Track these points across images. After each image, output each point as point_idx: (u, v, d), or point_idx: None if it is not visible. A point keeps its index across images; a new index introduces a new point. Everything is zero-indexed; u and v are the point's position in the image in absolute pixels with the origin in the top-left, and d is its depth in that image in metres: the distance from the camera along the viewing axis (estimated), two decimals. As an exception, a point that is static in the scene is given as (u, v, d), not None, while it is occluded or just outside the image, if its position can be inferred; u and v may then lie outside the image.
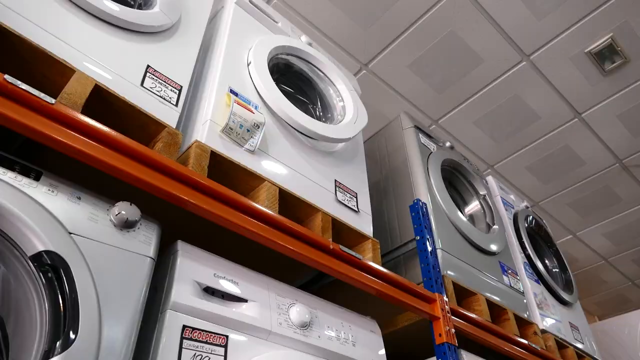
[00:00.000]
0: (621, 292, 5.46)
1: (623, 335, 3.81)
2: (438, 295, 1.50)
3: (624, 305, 5.60)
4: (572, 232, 4.49)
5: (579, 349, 2.36)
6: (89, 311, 0.74)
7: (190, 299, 0.94)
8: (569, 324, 2.42)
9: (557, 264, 2.83)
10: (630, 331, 3.78)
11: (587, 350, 2.43)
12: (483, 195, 2.41)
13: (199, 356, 0.90)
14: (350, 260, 1.29)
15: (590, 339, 2.58)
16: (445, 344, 1.40)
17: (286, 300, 1.12)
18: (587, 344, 2.50)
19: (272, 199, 1.23)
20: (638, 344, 3.69)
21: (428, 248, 1.63)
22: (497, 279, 2.03)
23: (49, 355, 0.67)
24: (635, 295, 5.49)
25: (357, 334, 1.24)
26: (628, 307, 5.57)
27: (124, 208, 0.91)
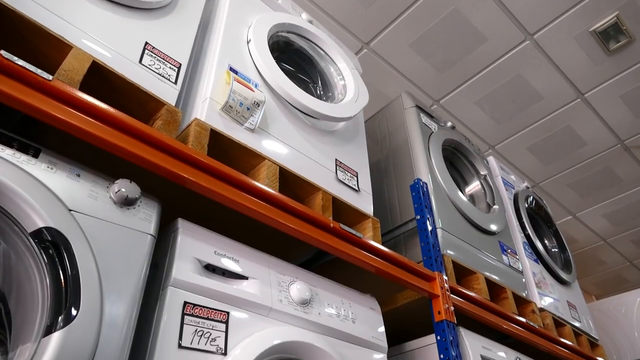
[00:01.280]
0: (619, 273, 5.50)
1: (620, 314, 3.85)
2: (438, 274, 1.51)
3: (621, 285, 5.65)
4: (571, 213, 4.50)
5: (576, 327, 2.39)
6: (90, 287, 0.74)
7: (191, 276, 0.95)
8: (567, 303, 2.45)
9: (556, 243, 2.84)
10: (627, 310, 3.83)
11: (584, 329, 2.46)
12: (484, 176, 2.41)
13: (200, 332, 0.91)
14: (351, 238, 1.30)
15: (587, 318, 2.60)
16: (444, 321, 1.41)
17: (286, 278, 1.13)
18: (585, 323, 2.53)
19: (272, 177, 1.23)
20: (634, 322, 3.73)
21: (428, 227, 1.64)
22: (497, 259, 2.04)
23: (51, 330, 0.67)
24: (633, 276, 5.54)
25: (357, 311, 1.25)
26: (625, 287, 5.62)
27: (123, 185, 0.91)
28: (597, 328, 2.86)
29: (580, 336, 2.40)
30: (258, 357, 0.94)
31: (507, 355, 1.62)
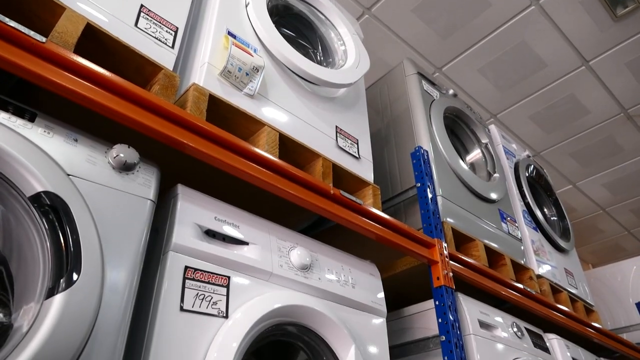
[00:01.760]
0: (616, 241, 5.55)
1: (616, 282, 3.90)
2: (437, 241, 1.52)
3: (618, 254, 5.71)
4: (571, 182, 4.50)
5: (573, 293, 2.42)
6: (91, 251, 0.74)
7: (191, 241, 0.95)
8: (564, 270, 2.47)
9: (555, 212, 2.85)
10: (623, 278, 3.88)
11: (580, 295, 2.50)
12: (485, 144, 2.39)
13: (201, 295, 0.92)
14: (351, 205, 1.30)
15: (584, 285, 2.64)
16: (443, 286, 1.43)
17: (287, 244, 1.14)
18: (581, 289, 2.57)
19: (272, 143, 1.22)
20: (630, 290, 3.79)
21: (428, 195, 1.64)
22: (496, 226, 2.05)
23: (53, 292, 0.68)
24: (630, 244, 5.59)
25: (357, 276, 1.27)
26: (622, 255, 5.68)
27: (122, 151, 0.90)
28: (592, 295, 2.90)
29: (576, 302, 2.44)
30: (259, 320, 0.95)
31: (504, 320, 1.64)
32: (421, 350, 1.49)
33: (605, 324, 3.69)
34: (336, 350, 1.09)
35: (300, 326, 1.07)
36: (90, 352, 0.70)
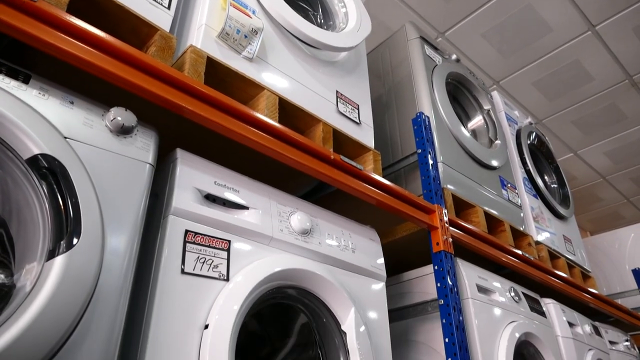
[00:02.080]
0: (615, 210, 5.57)
1: (613, 249, 3.95)
2: (437, 207, 1.52)
3: (616, 222, 5.75)
4: (573, 150, 4.48)
5: (570, 259, 2.45)
6: (90, 214, 0.74)
7: (191, 205, 0.95)
8: (563, 237, 2.49)
9: (556, 179, 2.85)
10: (620, 246, 3.92)
11: (577, 261, 2.53)
12: (487, 110, 2.37)
13: (202, 259, 0.92)
14: (351, 170, 1.29)
15: (581, 251, 2.67)
16: (442, 252, 1.44)
17: (287, 209, 1.14)
18: (579, 256, 2.59)
19: (271, 108, 1.20)
20: (626, 257, 3.84)
21: (429, 161, 1.63)
22: (496, 193, 2.05)
23: (53, 254, 0.68)
24: (629, 212, 5.62)
25: (357, 241, 1.27)
26: (620, 223, 5.72)
27: (119, 114, 0.88)
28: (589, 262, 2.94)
29: (574, 268, 2.46)
30: (260, 283, 0.96)
31: (502, 285, 1.67)
32: (419, 313, 1.52)
33: (601, 290, 3.75)
34: (336, 313, 1.11)
35: (300, 289, 1.08)
36: (93, 313, 0.71)
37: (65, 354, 0.65)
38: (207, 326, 0.87)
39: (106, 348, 0.71)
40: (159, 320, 0.82)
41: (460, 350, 1.31)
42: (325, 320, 1.12)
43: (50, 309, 0.63)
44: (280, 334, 1.25)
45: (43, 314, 0.62)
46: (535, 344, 1.64)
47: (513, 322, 1.56)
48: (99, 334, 0.70)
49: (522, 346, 1.62)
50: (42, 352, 0.61)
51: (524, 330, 1.57)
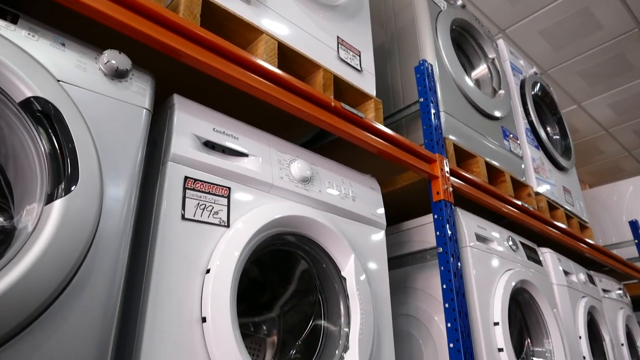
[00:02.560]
0: (616, 162, 5.57)
1: (612, 201, 3.97)
2: (438, 156, 1.51)
3: (617, 175, 5.76)
4: (577, 102, 4.42)
5: (569, 210, 2.47)
6: (87, 158, 0.73)
7: (190, 152, 0.94)
8: (563, 188, 2.50)
9: (558, 130, 2.82)
10: (619, 198, 3.94)
11: (575, 212, 2.55)
12: (492, 59, 2.31)
13: (202, 205, 0.92)
14: (352, 118, 1.27)
15: (580, 202, 2.68)
16: (442, 201, 1.44)
17: (287, 156, 1.13)
18: (577, 207, 2.61)
19: (270, 53, 1.16)
20: (624, 209, 3.87)
21: (431, 110, 1.60)
22: (498, 143, 2.03)
23: (52, 198, 0.68)
24: (629, 165, 5.61)
25: (357, 190, 1.27)
26: (620, 176, 5.73)
27: (113, 56, 0.86)
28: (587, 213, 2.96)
29: (572, 219, 2.49)
30: (260, 229, 0.97)
31: (501, 235, 1.68)
32: (418, 261, 1.54)
33: (597, 241, 3.80)
34: (336, 259, 1.12)
35: (300, 236, 1.09)
36: (94, 256, 0.71)
37: (68, 296, 0.66)
38: (208, 270, 0.88)
39: (109, 291, 0.72)
40: (161, 264, 0.83)
41: (458, 296, 1.33)
42: (325, 266, 1.13)
43: (53, 251, 0.64)
44: (281, 280, 1.27)
45: (46, 255, 0.63)
46: (531, 290, 1.68)
47: (510, 270, 1.59)
48: (101, 277, 0.71)
49: (517, 293, 1.66)
50: (46, 293, 0.62)
51: (519, 278, 1.60)
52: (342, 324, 1.09)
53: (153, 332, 0.78)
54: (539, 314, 1.72)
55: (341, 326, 1.09)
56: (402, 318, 1.54)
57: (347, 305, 1.10)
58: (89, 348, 0.67)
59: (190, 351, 0.81)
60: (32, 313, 0.61)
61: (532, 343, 1.72)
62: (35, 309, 0.61)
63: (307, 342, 1.14)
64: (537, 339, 1.71)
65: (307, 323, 1.18)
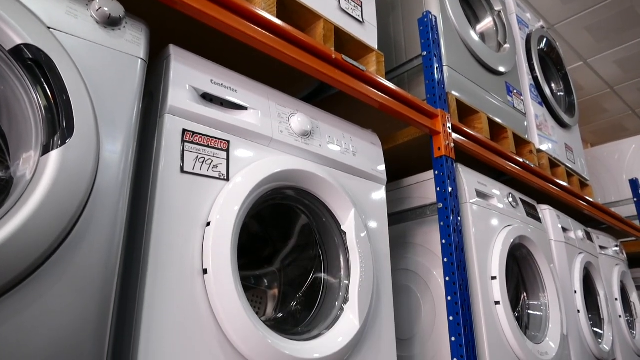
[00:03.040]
0: (619, 121, 5.51)
1: (613, 160, 3.96)
2: (440, 111, 1.48)
3: (619, 134, 5.72)
4: (583, 59, 4.33)
5: (570, 168, 2.46)
6: (82, 108, 0.72)
7: (188, 104, 0.92)
8: (565, 145, 2.48)
9: (563, 87, 2.77)
10: (620, 157, 3.92)
11: (577, 170, 2.54)
12: (498, 12, 2.23)
13: (201, 159, 0.91)
14: (353, 71, 1.24)
15: (581, 160, 2.67)
16: (444, 157, 1.43)
17: (287, 110, 1.11)
18: (578, 164, 2.60)
19: (269, 2, 1.12)
20: (625, 167, 3.86)
21: (434, 64, 1.56)
22: (502, 99, 2.00)
23: (48, 149, 0.66)
24: (633, 124, 5.56)
25: (358, 145, 1.26)
26: (623, 135, 5.68)
27: (104, 3, 0.82)
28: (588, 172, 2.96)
29: (572, 177, 2.48)
30: (259, 183, 0.96)
31: (501, 191, 1.68)
32: (418, 217, 1.55)
33: (597, 199, 3.82)
34: (336, 213, 1.12)
35: (300, 190, 1.08)
36: (94, 207, 0.71)
37: (68, 248, 0.66)
38: (209, 223, 0.88)
39: (109, 243, 0.72)
40: (161, 217, 0.83)
41: (457, 251, 1.35)
42: (325, 220, 1.14)
43: (51, 200, 0.63)
44: (282, 235, 1.28)
45: (44, 204, 0.62)
46: (529, 246, 1.70)
47: (509, 226, 1.60)
48: (101, 229, 0.71)
49: (515, 248, 1.68)
50: (46, 243, 0.62)
51: (518, 234, 1.61)
52: (342, 276, 1.10)
53: (155, 284, 0.79)
54: (536, 268, 1.74)
55: (341, 279, 1.10)
56: (401, 273, 1.56)
57: (347, 258, 1.11)
58: (90, 299, 0.68)
59: (192, 302, 0.83)
60: (33, 262, 0.61)
61: (528, 297, 1.76)
62: (36, 259, 0.61)
63: (308, 295, 1.16)
64: (533, 293, 1.75)
65: (308, 276, 1.19)
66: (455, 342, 1.27)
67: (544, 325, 1.68)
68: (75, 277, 0.66)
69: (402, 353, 1.47)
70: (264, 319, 1.18)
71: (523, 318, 1.73)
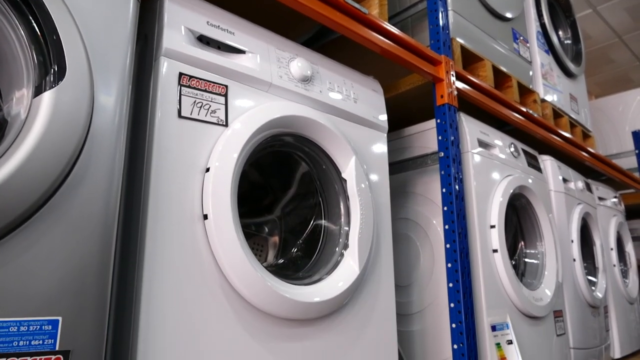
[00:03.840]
0: (625, 72, 5.41)
1: (616, 112, 3.91)
2: (444, 58, 1.44)
3: (624, 85, 5.62)
4: (592, 6, 4.18)
5: (573, 119, 2.43)
6: (74, 48, 0.69)
7: (183, 46, 0.89)
8: (569, 95, 2.44)
9: (570, 34, 2.69)
10: (624, 108, 3.88)
11: (580, 120, 2.51)
12: (507, -47, 2.13)
13: (199, 103, 0.89)
14: (355, 14, 1.19)
15: (585, 110, 2.63)
16: (446, 104, 1.40)
17: (286, 54, 1.07)
18: (582, 115, 2.57)
19: (266, -63, 1.06)
20: (628, 119, 3.82)
21: (439, 8, 1.50)
22: (507, 47, 1.94)
23: (40, 90, 0.64)
24: (638, 76, 5.46)
25: (359, 91, 1.23)
26: (628, 87, 5.59)
27: (92, -64, 0.77)
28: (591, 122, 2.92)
29: (575, 127, 2.46)
30: (258, 129, 0.95)
31: (503, 141, 1.67)
32: (419, 166, 1.54)
33: (598, 151, 3.80)
34: (336, 160, 1.11)
35: (299, 137, 1.07)
36: (91, 149, 0.70)
37: (68, 189, 0.66)
38: (208, 169, 0.87)
39: (108, 186, 0.71)
40: (160, 162, 0.82)
41: (456, 200, 1.35)
42: (325, 167, 1.13)
43: (48, 141, 0.62)
44: (282, 184, 1.28)
45: (41, 145, 0.61)
46: (528, 196, 1.70)
47: (509, 176, 1.59)
48: (100, 171, 0.70)
49: (515, 198, 1.68)
50: (46, 184, 0.62)
51: (518, 184, 1.61)
52: (342, 223, 1.11)
53: (155, 230, 0.79)
54: (535, 218, 1.75)
55: (341, 225, 1.11)
56: (400, 221, 1.57)
57: (347, 205, 1.11)
58: (92, 241, 0.68)
59: (193, 248, 0.83)
60: (33, 204, 0.61)
61: (526, 245, 1.78)
62: (35, 200, 0.61)
63: (308, 241, 1.18)
64: (531, 242, 1.77)
65: (308, 224, 1.20)
66: (453, 288, 1.30)
67: (540, 272, 1.71)
68: (76, 219, 0.66)
69: (401, 299, 1.50)
70: (265, 264, 1.20)
71: (520, 266, 1.76)
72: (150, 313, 0.76)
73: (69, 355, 0.63)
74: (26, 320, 0.60)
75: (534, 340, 1.53)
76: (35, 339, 0.60)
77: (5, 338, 0.58)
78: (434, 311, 1.42)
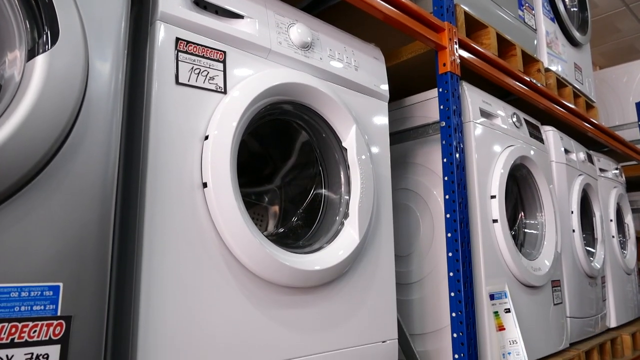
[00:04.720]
0: (631, 42, 5.31)
1: (620, 83, 3.86)
2: (447, 24, 1.41)
3: (630, 56, 5.53)
4: (600, -27, 4.07)
5: (577, 89, 2.40)
6: (65, 12, 0.67)
7: (180, 11, 0.87)
8: (574, 65, 2.40)
9: (577, 2, 2.63)
10: (629, 79, 3.82)
11: (584, 91, 2.48)
12: None
13: (197, 70, 0.88)
14: (356, -22, 1.16)
15: (589, 81, 2.60)
16: (449, 73, 1.38)
17: (286, 20, 1.05)
18: (586, 85, 2.53)
19: None
20: (632, 90, 3.78)
21: (443, -27, 1.46)
22: (512, 14, 1.90)
23: (34, 54, 0.63)
24: (645, 46, 5.36)
25: (360, 59, 1.21)
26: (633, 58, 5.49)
27: None
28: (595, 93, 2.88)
29: (579, 97, 2.43)
30: (258, 96, 0.93)
31: (505, 111, 1.65)
32: (420, 136, 1.53)
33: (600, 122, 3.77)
34: (336, 129, 1.10)
35: (299, 105, 1.05)
36: (87, 117, 0.69)
37: (66, 154, 0.65)
38: (207, 137, 0.86)
39: (107, 150, 0.70)
40: (157, 130, 0.81)
41: (457, 169, 1.34)
42: (326, 136, 1.12)
43: (44, 104, 0.61)
44: (282, 153, 1.27)
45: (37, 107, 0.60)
46: (529, 166, 1.69)
47: (511, 146, 1.58)
48: (97, 136, 0.69)
49: (516, 169, 1.67)
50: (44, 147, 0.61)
51: (520, 154, 1.60)
52: (343, 192, 1.10)
53: (155, 197, 0.79)
54: (535, 189, 1.75)
55: (341, 194, 1.10)
56: (400, 192, 1.57)
57: (348, 174, 1.10)
58: (92, 208, 0.68)
59: (192, 215, 0.83)
60: (31, 168, 0.60)
61: (526, 216, 1.78)
62: (34, 165, 0.60)
63: (308, 211, 1.17)
64: (531, 212, 1.77)
65: (308, 193, 1.20)
66: (452, 257, 1.31)
67: (539, 243, 1.72)
68: (75, 185, 0.66)
69: (400, 269, 1.52)
70: (266, 234, 1.20)
71: (519, 236, 1.76)
72: (151, 280, 0.76)
73: (71, 320, 0.63)
74: (27, 286, 0.60)
75: (532, 308, 1.55)
76: (36, 304, 0.61)
77: (6, 303, 0.58)
78: (433, 280, 1.43)
